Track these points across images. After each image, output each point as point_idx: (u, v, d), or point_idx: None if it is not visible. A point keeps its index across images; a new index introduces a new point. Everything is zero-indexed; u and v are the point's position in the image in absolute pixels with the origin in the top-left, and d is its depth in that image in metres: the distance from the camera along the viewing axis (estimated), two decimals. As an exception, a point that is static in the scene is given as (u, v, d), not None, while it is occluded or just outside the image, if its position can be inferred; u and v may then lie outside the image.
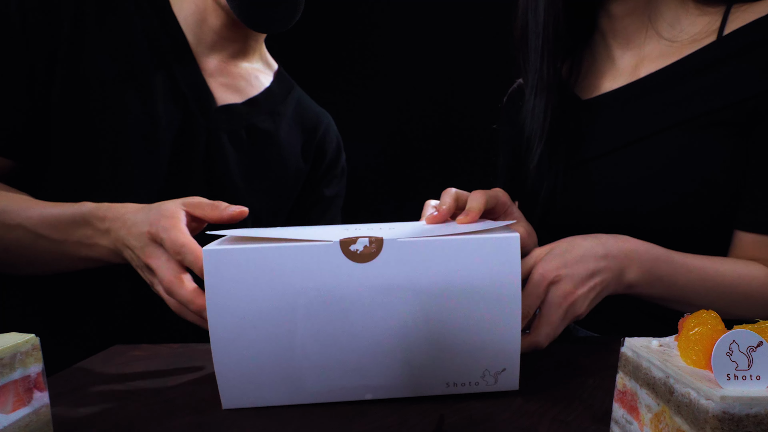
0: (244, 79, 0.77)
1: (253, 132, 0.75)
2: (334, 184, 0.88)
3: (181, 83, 0.69)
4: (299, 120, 0.83)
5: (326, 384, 0.41)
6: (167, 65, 0.69)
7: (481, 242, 0.40)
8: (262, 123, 0.77)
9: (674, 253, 0.56)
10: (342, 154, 0.90)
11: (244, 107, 0.75)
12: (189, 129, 0.69)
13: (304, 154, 0.83)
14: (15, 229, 0.56)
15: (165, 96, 0.68)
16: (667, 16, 0.65)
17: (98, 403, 0.43)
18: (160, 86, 0.68)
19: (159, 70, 0.68)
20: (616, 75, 0.69)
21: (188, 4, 0.71)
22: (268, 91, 0.79)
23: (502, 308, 0.41)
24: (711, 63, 0.60)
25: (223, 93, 0.74)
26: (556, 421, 0.39)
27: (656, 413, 0.30)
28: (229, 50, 0.75)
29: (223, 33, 0.72)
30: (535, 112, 0.70)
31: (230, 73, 0.76)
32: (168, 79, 0.69)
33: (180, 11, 0.70)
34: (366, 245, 0.39)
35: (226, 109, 0.73)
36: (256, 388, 0.40)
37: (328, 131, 0.87)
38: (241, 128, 0.74)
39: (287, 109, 0.81)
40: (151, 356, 0.54)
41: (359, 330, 0.40)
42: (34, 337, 0.34)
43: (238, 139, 0.74)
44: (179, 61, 0.70)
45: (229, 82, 0.75)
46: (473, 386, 0.42)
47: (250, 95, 0.77)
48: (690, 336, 0.29)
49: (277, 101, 0.80)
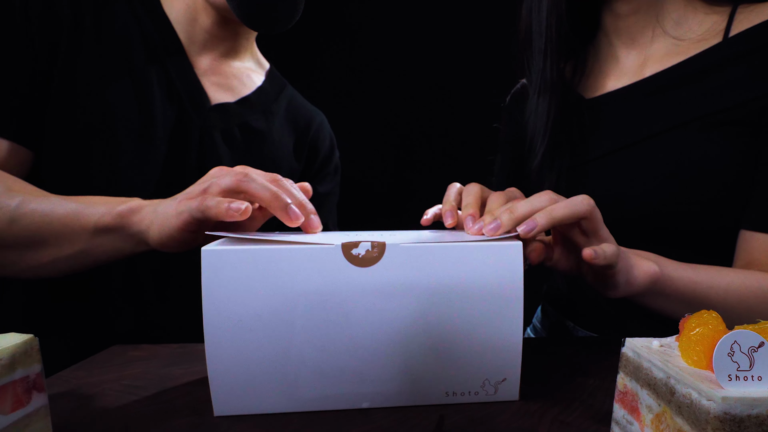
0: (237, 78, 0.78)
1: (246, 131, 0.76)
2: (328, 181, 0.88)
3: (176, 81, 0.70)
4: (291, 118, 0.83)
5: (323, 391, 0.40)
6: (162, 63, 0.69)
7: (484, 249, 0.40)
8: (255, 122, 0.77)
9: (662, 260, 0.56)
10: (335, 152, 0.91)
11: (237, 106, 0.76)
12: (183, 127, 0.70)
13: (296, 152, 0.83)
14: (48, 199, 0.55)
15: (161, 94, 0.69)
16: (673, 15, 0.65)
17: (98, 403, 0.43)
18: (155, 84, 0.68)
19: (154, 68, 0.69)
20: (621, 74, 0.69)
21: (179, 4, 0.71)
22: (261, 90, 0.80)
23: (503, 317, 0.40)
24: (718, 63, 0.60)
25: (216, 92, 0.74)
26: (556, 421, 0.38)
27: (657, 414, 0.30)
28: (221, 49, 0.75)
29: (214, 31, 0.73)
30: (538, 111, 0.71)
31: (222, 72, 0.76)
32: (163, 77, 0.69)
33: (171, 11, 0.71)
34: (368, 249, 0.39)
35: (220, 107, 0.74)
36: (250, 394, 0.40)
37: (320, 129, 0.87)
38: (235, 127, 0.75)
39: (279, 108, 0.82)
40: (150, 356, 0.54)
41: (358, 336, 0.39)
42: (34, 337, 0.34)
43: (232, 138, 0.74)
44: (173, 59, 0.70)
45: (222, 81, 0.75)
46: (473, 396, 0.42)
47: (242, 94, 0.77)
48: (691, 336, 0.29)
49: (269, 100, 0.81)
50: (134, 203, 0.51)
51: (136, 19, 0.68)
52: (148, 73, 0.68)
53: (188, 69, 0.71)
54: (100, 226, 0.52)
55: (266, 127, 0.78)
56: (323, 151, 0.87)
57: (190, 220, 0.44)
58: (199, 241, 0.49)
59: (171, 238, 0.46)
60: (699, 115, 0.60)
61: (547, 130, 0.69)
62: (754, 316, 0.47)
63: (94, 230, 0.52)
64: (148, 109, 0.67)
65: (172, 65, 0.70)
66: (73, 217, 0.53)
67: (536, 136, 0.71)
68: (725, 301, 0.53)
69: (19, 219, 0.53)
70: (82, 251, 0.54)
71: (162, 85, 0.69)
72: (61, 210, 0.53)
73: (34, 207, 0.53)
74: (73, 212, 0.53)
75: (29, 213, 0.53)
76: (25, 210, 0.53)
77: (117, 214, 0.51)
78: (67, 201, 0.54)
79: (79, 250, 0.54)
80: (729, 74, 0.59)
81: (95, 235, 0.52)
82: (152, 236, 0.48)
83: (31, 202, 0.54)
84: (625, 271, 0.47)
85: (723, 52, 0.60)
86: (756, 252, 0.59)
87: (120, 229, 0.51)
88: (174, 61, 0.70)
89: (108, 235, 0.52)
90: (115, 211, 0.51)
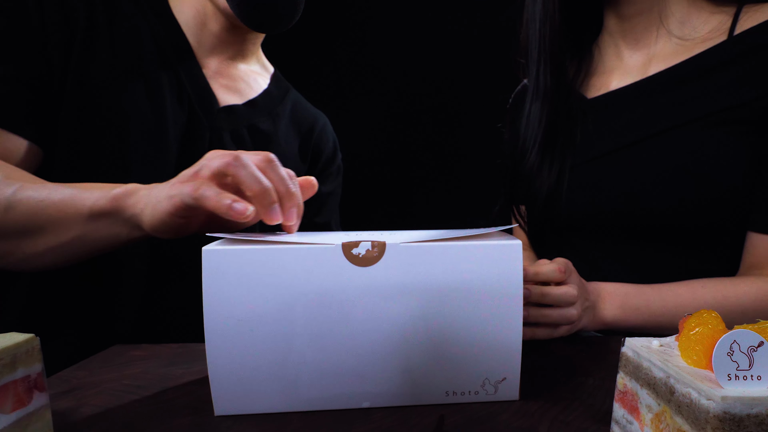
0: (244, 81, 0.79)
1: (254, 132, 0.77)
2: (330, 181, 0.89)
3: (186, 84, 0.71)
4: (296, 121, 0.85)
5: (323, 391, 0.40)
6: (172, 66, 0.70)
7: (484, 249, 0.40)
8: (262, 124, 0.78)
9: (645, 286, 0.59)
10: (338, 154, 0.92)
11: (245, 108, 0.77)
12: (193, 128, 0.70)
13: (301, 154, 0.85)
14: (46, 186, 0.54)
15: (171, 96, 0.69)
16: (677, 15, 0.65)
17: (98, 403, 0.43)
18: (166, 87, 0.69)
19: (165, 70, 0.69)
20: (625, 74, 0.70)
21: (188, 9, 0.72)
22: (266, 93, 0.81)
23: (503, 317, 0.40)
24: (722, 62, 0.60)
25: (224, 94, 0.75)
26: (556, 421, 0.38)
27: (657, 413, 0.30)
28: (229, 52, 0.76)
29: (223, 36, 0.74)
30: (531, 118, 0.72)
31: (230, 75, 0.77)
32: (174, 80, 0.70)
33: (180, 15, 0.72)
34: (368, 249, 0.39)
35: (228, 109, 0.74)
36: (250, 394, 0.40)
37: (324, 131, 0.89)
38: (243, 128, 0.76)
39: (285, 111, 0.83)
40: (150, 356, 0.54)
41: (358, 336, 0.39)
42: (34, 337, 0.34)
43: (240, 139, 0.75)
44: (182, 62, 0.71)
45: (230, 84, 0.76)
46: (473, 395, 0.42)
47: (249, 97, 0.78)
48: (691, 336, 0.29)
49: (275, 103, 0.82)
50: (130, 186, 0.50)
51: (147, 22, 0.69)
52: (159, 75, 0.68)
53: (198, 72, 0.72)
54: (95, 210, 0.51)
55: (273, 128, 0.79)
56: (326, 152, 0.89)
57: (181, 204, 0.43)
58: (192, 228, 0.48)
59: (162, 222, 0.45)
60: (703, 113, 0.60)
61: (538, 136, 0.71)
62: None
63: (89, 215, 0.51)
64: (160, 110, 0.67)
65: (182, 68, 0.71)
66: (69, 202, 0.52)
67: (528, 139, 0.72)
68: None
69: (15, 206, 0.52)
70: (78, 237, 0.52)
71: (173, 87, 0.69)
72: (57, 196, 0.52)
73: (30, 194, 0.53)
74: (69, 197, 0.52)
75: (25, 200, 0.52)
76: (21, 197, 0.53)
77: (112, 197, 0.50)
78: (63, 187, 0.53)
79: (75, 236, 0.52)
80: (734, 72, 0.59)
81: (91, 219, 0.51)
82: (145, 220, 0.47)
83: (27, 189, 0.53)
84: (590, 318, 0.57)
85: (728, 50, 0.60)
86: (760, 254, 0.59)
87: (115, 212, 0.50)
88: (184, 65, 0.71)
89: (104, 219, 0.51)
90: (110, 194, 0.50)
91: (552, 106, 0.70)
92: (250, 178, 0.42)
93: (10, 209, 0.53)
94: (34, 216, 0.52)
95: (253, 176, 0.42)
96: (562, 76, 0.72)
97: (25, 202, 0.52)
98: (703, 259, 0.63)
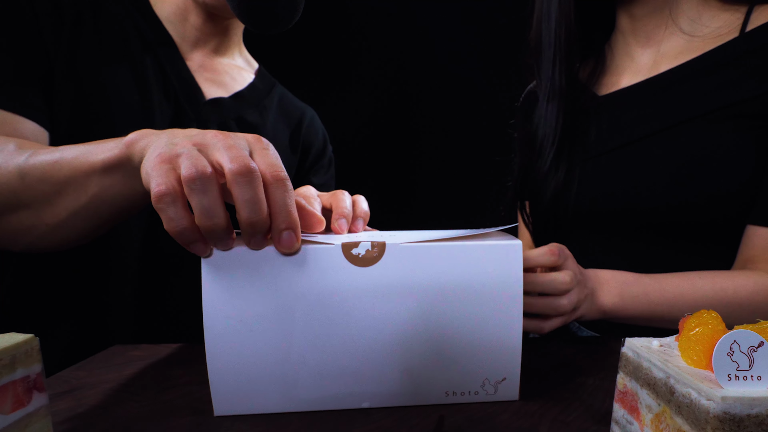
0: (228, 74, 0.80)
1: (242, 124, 0.77)
2: (322, 173, 0.90)
3: (171, 77, 0.71)
4: (284, 113, 0.85)
5: (322, 391, 0.40)
6: (158, 60, 0.71)
7: (484, 249, 0.40)
8: (249, 116, 0.79)
9: (642, 275, 0.58)
10: (328, 146, 0.93)
11: (231, 101, 0.78)
12: (180, 122, 0.71)
13: (292, 146, 0.85)
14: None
15: (158, 90, 0.70)
16: (689, 13, 0.66)
17: (98, 403, 0.43)
18: (152, 80, 0.69)
19: (150, 65, 0.70)
20: (636, 72, 0.70)
21: (168, 5, 0.73)
22: (252, 86, 0.82)
23: (503, 317, 0.40)
24: (733, 58, 0.61)
25: (210, 87, 0.76)
26: (556, 421, 0.38)
27: (657, 413, 0.30)
28: (211, 45, 0.77)
29: (205, 28, 0.75)
30: (547, 117, 0.72)
31: (214, 69, 0.78)
32: (159, 74, 0.71)
33: (161, 11, 0.73)
34: (368, 249, 0.39)
35: (214, 102, 0.75)
36: (250, 394, 0.40)
37: (312, 123, 0.89)
38: (230, 120, 0.77)
39: (272, 104, 0.84)
40: (150, 356, 0.54)
41: (358, 336, 0.39)
42: (34, 337, 0.34)
43: (228, 131, 0.75)
44: (167, 56, 0.72)
45: (215, 78, 0.77)
46: (473, 396, 0.42)
47: (234, 90, 0.79)
48: (691, 336, 0.29)
49: (261, 96, 0.83)
50: (142, 131, 0.45)
51: (131, 19, 0.70)
52: (144, 69, 0.69)
53: (182, 65, 0.73)
54: (108, 162, 0.47)
55: (261, 121, 0.80)
56: (316, 144, 0.89)
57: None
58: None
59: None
60: (712, 107, 0.60)
61: (555, 136, 0.71)
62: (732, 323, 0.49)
63: (102, 168, 0.48)
64: (147, 104, 0.68)
65: (167, 62, 0.72)
66: (82, 158, 0.49)
67: (545, 140, 0.72)
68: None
69: (30, 171, 0.51)
70: (96, 195, 0.49)
71: (158, 81, 0.70)
72: (70, 154, 0.50)
73: (42, 157, 0.51)
74: (82, 153, 0.49)
75: (39, 164, 0.51)
76: (34, 162, 0.51)
77: (123, 144, 0.45)
78: (75, 146, 0.51)
79: (93, 194, 0.49)
80: (744, 68, 0.60)
81: (105, 173, 0.48)
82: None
83: (39, 154, 0.52)
84: (588, 306, 0.55)
85: (739, 46, 0.61)
86: (756, 247, 0.59)
87: (127, 161, 0.45)
88: (168, 58, 0.72)
89: (117, 171, 0.47)
90: (122, 141, 0.46)
91: (567, 105, 0.71)
92: (243, 204, 0.36)
93: (26, 175, 0.51)
94: (51, 178, 0.50)
95: (250, 203, 0.36)
96: (576, 75, 0.73)
97: (39, 166, 0.51)
98: (709, 255, 0.63)
